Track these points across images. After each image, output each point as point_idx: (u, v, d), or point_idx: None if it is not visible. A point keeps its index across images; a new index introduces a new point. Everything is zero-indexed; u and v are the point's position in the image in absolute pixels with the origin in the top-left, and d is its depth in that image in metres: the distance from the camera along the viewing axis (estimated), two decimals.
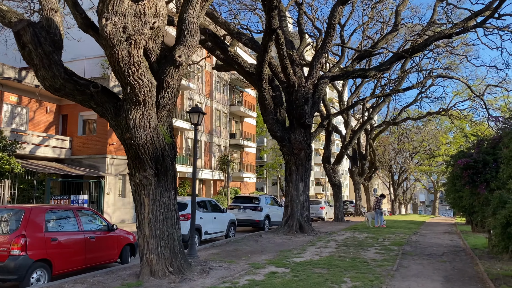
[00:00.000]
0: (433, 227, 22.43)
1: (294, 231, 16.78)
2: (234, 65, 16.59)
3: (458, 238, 15.49)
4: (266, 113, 16.55)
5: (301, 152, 17.13)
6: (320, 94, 17.43)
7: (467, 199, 11.37)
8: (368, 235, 16.11)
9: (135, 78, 7.04)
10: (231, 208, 19.49)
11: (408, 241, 14.22)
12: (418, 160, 56.18)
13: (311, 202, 30.54)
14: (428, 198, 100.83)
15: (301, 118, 16.65)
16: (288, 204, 17.45)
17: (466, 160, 10.41)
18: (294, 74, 16.45)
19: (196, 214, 13.41)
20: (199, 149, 40.11)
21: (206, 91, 41.31)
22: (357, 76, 17.70)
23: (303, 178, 17.37)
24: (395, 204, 61.66)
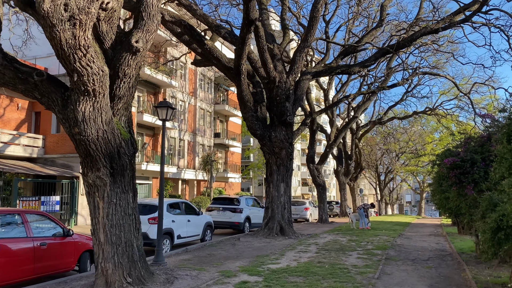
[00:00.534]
0: (418, 229, 21.89)
1: (274, 234, 16.02)
2: (212, 59, 15.76)
3: (444, 241, 14.90)
4: (245, 110, 15.75)
5: (282, 151, 16.38)
6: (302, 91, 16.70)
7: (454, 201, 10.74)
8: (351, 238, 15.43)
9: (82, 64, 6.17)
10: (210, 209, 18.65)
11: (393, 244, 13.56)
12: (405, 160, 56.03)
13: (295, 203, 29.86)
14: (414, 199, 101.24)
15: (282, 115, 15.89)
16: (268, 206, 16.68)
17: (453, 159, 9.76)
18: (275, 69, 15.69)
19: (167, 217, 12.56)
20: (182, 148, 39.16)
21: (189, 89, 40.35)
22: (340, 73, 17.03)
23: (284, 178, 16.62)
24: (382, 204, 61.46)
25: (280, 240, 15.19)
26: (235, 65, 14.45)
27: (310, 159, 26.10)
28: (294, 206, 29.13)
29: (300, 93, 16.63)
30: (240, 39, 13.64)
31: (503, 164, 6.23)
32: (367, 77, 30.15)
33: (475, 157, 9.71)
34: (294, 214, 28.73)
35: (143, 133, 34.03)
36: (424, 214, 67.81)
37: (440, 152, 10.79)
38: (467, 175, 9.70)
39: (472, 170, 9.65)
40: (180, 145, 38.98)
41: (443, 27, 15.73)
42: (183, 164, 38.78)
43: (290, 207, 16.99)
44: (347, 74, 17.07)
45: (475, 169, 9.64)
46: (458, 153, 9.99)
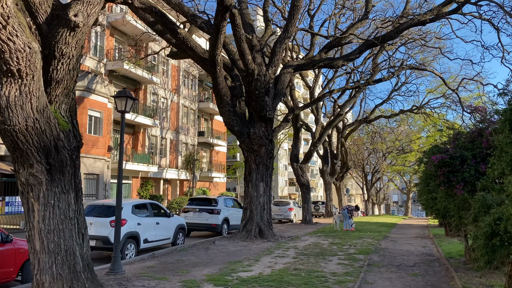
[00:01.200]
0: (404, 230, 21.14)
1: (252, 237, 15.05)
2: (187, 50, 14.71)
3: (431, 244, 14.10)
4: (222, 105, 14.74)
5: (262, 148, 15.42)
6: (283, 85, 15.76)
7: (442, 202, 9.88)
8: (334, 241, 14.53)
9: (2, 38, 5.11)
10: (186, 211, 17.60)
11: (376, 248, 12.69)
12: (391, 160, 55.62)
13: (279, 203, 28.97)
14: (401, 199, 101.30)
15: (262, 110, 14.92)
16: (247, 207, 15.71)
17: (441, 156, 8.90)
18: (253, 61, 14.71)
19: (133, 219, 11.51)
20: (164, 147, 37.99)
21: (172, 86, 39.17)
22: (324, 66, 16.16)
23: (264, 178, 15.66)
24: (368, 204, 61.01)
25: (258, 243, 14.22)
26: (209, 55, 13.44)
27: (294, 158, 25.21)
28: (278, 207, 28.27)
29: (281, 87, 15.69)
30: (214, 27, 12.64)
31: (503, 158, 5.35)
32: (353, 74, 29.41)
33: (465, 154, 8.87)
34: (278, 215, 27.86)
35: None
36: (410, 214, 67.60)
37: (427, 149, 9.92)
38: (456, 174, 8.84)
39: (462, 168, 8.80)
40: (162, 144, 37.80)
41: (431, 19, 14.95)
42: (165, 163, 37.61)
43: (270, 208, 16.04)
44: (330, 67, 16.18)
45: (465, 167, 8.79)
46: (446, 150, 9.15)
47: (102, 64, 29.76)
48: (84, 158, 23.47)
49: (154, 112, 35.30)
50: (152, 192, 35.98)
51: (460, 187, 8.82)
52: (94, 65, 28.82)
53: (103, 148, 25.38)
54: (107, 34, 30.37)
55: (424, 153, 9.75)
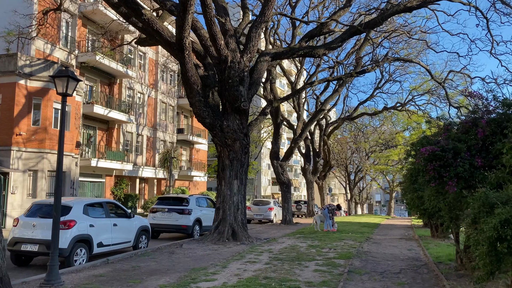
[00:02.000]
0: (388, 231, 20.16)
1: (225, 239, 13.79)
2: (153, 33, 13.33)
3: (417, 247, 13.06)
4: (191, 94, 13.43)
5: (236, 143, 14.15)
6: (259, 74, 14.54)
7: (432, 200, 8.79)
8: (313, 243, 13.37)
9: None
10: (154, 211, 16.22)
11: (358, 251, 11.56)
12: (374, 159, 55.08)
13: (259, 202, 27.79)
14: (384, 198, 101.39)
15: (236, 101, 13.66)
16: (219, 206, 14.44)
17: (431, 149, 7.79)
18: (226, 47, 13.44)
19: (84, 221, 10.12)
20: (140, 144, 36.40)
21: (149, 81, 37.59)
22: (304, 55, 15.00)
23: (238, 175, 14.41)
24: (351, 204, 60.41)
25: (230, 246, 12.96)
26: (177, 39, 12.12)
27: (274, 155, 24.04)
28: (257, 206, 27.09)
29: (257, 76, 14.46)
30: (181, 5, 11.32)
31: None
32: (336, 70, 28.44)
33: (459, 146, 7.79)
34: (258, 215, 26.68)
35: (95, 127, 31.12)
36: (393, 214, 67.29)
37: (415, 141, 8.82)
38: (448, 168, 7.75)
39: (455, 162, 7.72)
40: (138, 141, 36.21)
41: (418, 5, 13.94)
42: (141, 161, 36.03)
43: (245, 208, 14.79)
44: (311, 56, 15.04)
45: (459, 160, 7.71)
46: (437, 142, 8.05)
47: (73, 56, 28.06)
48: (48, 154, 21.85)
49: (129, 108, 33.70)
50: (127, 191, 34.40)
51: (452, 184, 7.74)
52: (64, 57, 27.13)
53: (71, 143, 23.75)
54: (79, 24, 28.67)
55: (412, 145, 8.63)
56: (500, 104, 7.71)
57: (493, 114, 8.02)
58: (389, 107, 30.82)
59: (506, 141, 6.86)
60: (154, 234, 16.62)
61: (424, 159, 7.80)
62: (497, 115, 7.84)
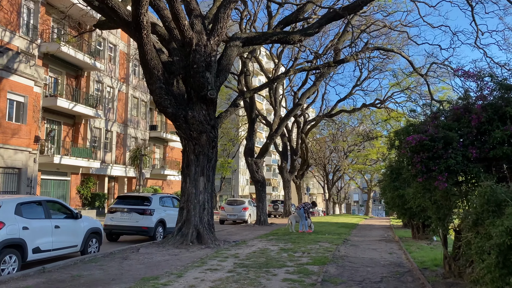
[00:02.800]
0: (366, 232, 19.15)
1: (189, 242, 12.43)
2: (110, 12, 11.86)
3: (399, 249, 12.00)
4: (151, 80, 12.01)
5: (202, 135, 12.81)
6: (229, 60, 13.23)
7: (417, 198, 7.67)
8: (285, 246, 12.15)
9: None
10: (113, 211, 14.70)
11: (335, 256, 10.38)
12: (353, 158, 54.58)
13: (233, 202, 26.47)
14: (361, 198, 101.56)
15: (201, 89, 12.31)
16: (183, 206, 13.06)
17: (419, 137, 6.66)
18: (191, 28, 12.09)
19: (15, 222, 8.58)
20: (109, 141, 34.54)
21: (120, 75, 35.78)
22: (278, 40, 13.80)
23: (205, 171, 13.06)
24: (329, 203, 59.79)
25: (193, 250, 11.61)
26: (133, 16, 10.69)
27: (248, 152, 22.77)
28: (231, 206, 25.78)
29: (227, 62, 13.15)
30: None
31: None
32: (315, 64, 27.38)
33: (451, 135, 6.68)
34: (231, 215, 25.37)
35: (60, 122, 29.19)
36: (371, 214, 67.07)
37: (399, 129, 7.68)
38: (438, 161, 6.64)
39: (446, 154, 6.61)
40: (108, 137, 34.36)
41: None
42: (110, 159, 34.20)
43: (212, 208, 13.45)
44: (286, 42, 13.85)
45: (450, 151, 6.60)
46: (425, 130, 6.94)
47: (35, 45, 26.12)
48: (1, 149, 19.98)
49: (97, 102, 31.84)
50: (94, 190, 32.57)
51: (443, 179, 6.62)
52: (25, 46, 25.17)
53: (28, 138, 21.90)
54: (42, 11, 26.73)
55: (396, 133, 7.47)
56: (498, 86, 6.64)
57: (487, 99, 6.96)
58: (368, 104, 30.00)
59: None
60: (113, 237, 15.15)
61: (410, 149, 6.66)
62: (494, 99, 6.78)
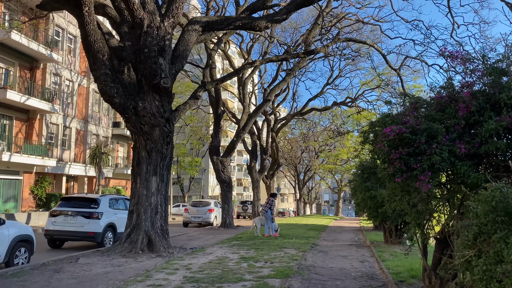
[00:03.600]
0: (336, 235, 18.17)
1: (138, 250, 10.98)
2: None
3: (371, 257, 10.96)
4: (95, 66, 10.51)
5: (155, 130, 11.38)
6: (186, 46, 11.86)
7: (395, 202, 6.58)
8: (247, 254, 10.89)
9: None
10: (54, 214, 13.04)
11: (300, 266, 9.20)
12: (324, 158, 54.12)
13: (198, 203, 25.01)
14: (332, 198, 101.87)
15: (154, 76, 10.90)
16: (133, 209, 11.59)
17: (398, 129, 5.55)
18: (142, 8, 10.66)
19: None
20: (68, 138, 32.37)
21: (81, 68, 33.63)
22: (242, 26, 12.54)
23: (158, 170, 11.64)
24: (300, 204, 59.17)
25: (142, 260, 10.18)
26: None
27: (214, 150, 21.41)
28: (196, 208, 24.33)
29: (184, 48, 11.78)
30: None
31: None
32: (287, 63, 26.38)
33: (435, 127, 5.61)
34: (196, 218, 23.92)
35: (11, 116, 26.89)
36: (341, 214, 66.91)
37: (374, 120, 6.55)
38: (420, 157, 5.56)
39: (430, 149, 5.52)
40: (66, 134, 32.17)
41: None
42: (68, 157, 32.04)
43: (166, 211, 12.03)
44: (251, 29, 12.63)
45: (435, 146, 5.52)
46: (405, 121, 5.86)
47: None
48: None
49: (53, 96, 29.64)
50: (50, 190, 30.33)
51: (425, 179, 5.53)
52: None
53: None
54: None
55: (371, 125, 6.33)
56: (489, 70, 5.60)
57: (476, 86, 5.93)
58: (339, 103, 29.24)
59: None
60: (57, 243, 13.50)
61: (388, 142, 5.53)
62: (484, 86, 5.74)
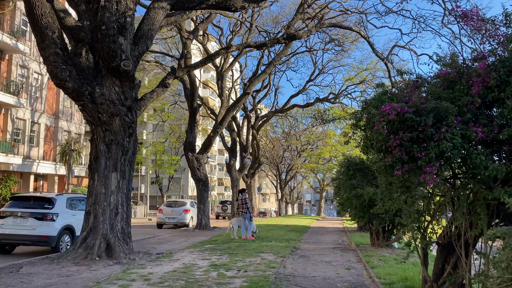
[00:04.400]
0: (319, 237, 17.04)
1: (95, 257, 9.59)
2: None
3: (357, 262, 9.83)
4: (43, 44, 9.07)
5: (115, 119, 10.00)
6: (152, 25, 10.51)
7: (392, 200, 5.41)
8: (218, 260, 9.62)
9: None
10: (3, 215, 11.48)
11: (278, 275, 7.97)
12: (306, 157, 53.26)
13: (173, 203, 23.56)
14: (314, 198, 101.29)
15: (113, 58, 9.52)
16: (90, 210, 10.18)
17: (400, 107, 4.39)
18: None
19: None
20: (36, 134, 30.50)
21: None
22: (216, 6, 11.17)
23: (119, 165, 10.26)
24: (282, 204, 58.19)
25: (97, 268, 8.79)
26: None
27: (189, 146, 20.04)
28: (170, 208, 22.88)
29: (149, 28, 10.43)
30: None
31: None
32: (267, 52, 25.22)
33: (445, 106, 4.46)
34: (171, 218, 22.47)
35: None
36: (323, 214, 66.20)
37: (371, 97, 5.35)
38: (426, 144, 4.42)
39: (438, 134, 4.39)
40: (34, 130, 30.28)
41: None
42: (37, 155, 30.16)
43: (129, 212, 10.64)
44: (226, 9, 11.25)
45: (444, 130, 4.39)
46: (407, 100, 4.71)
47: None
48: None
49: (19, 89, 27.75)
50: (16, 189, 28.41)
51: (433, 171, 4.39)
52: None
53: None
54: None
55: (365, 104, 5.14)
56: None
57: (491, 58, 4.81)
58: (322, 99, 28.24)
59: None
60: (6, 248, 11.95)
61: (387, 123, 4.36)
62: (501, 57, 4.62)
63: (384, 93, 4.96)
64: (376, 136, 4.46)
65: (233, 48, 14.79)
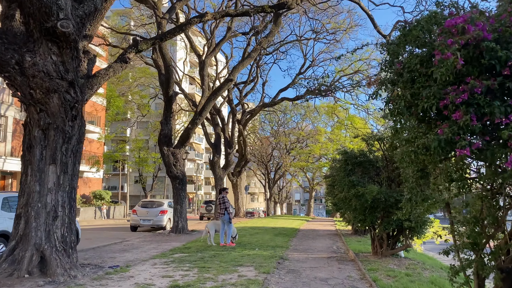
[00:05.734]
0: (310, 242, 14.97)
1: (24, 273, 7.39)
2: None
3: (361, 279, 7.75)
4: None
5: (52, 97, 7.81)
6: None
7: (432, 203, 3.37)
8: (185, 276, 7.50)
9: None
10: None
11: None
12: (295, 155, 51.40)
13: (148, 204, 21.28)
14: (303, 197, 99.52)
15: (47, 16, 7.34)
16: (20, 212, 7.98)
17: (477, 33, 2.34)
18: None
19: None
20: (3, 128, 27.98)
21: None
22: None
23: (59, 157, 8.07)
24: (270, 203, 56.21)
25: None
26: None
27: (164, 139, 17.82)
28: (146, 209, 20.61)
29: None
30: None
31: None
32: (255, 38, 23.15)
33: None
34: (146, 220, 20.21)
35: None
36: (312, 214, 64.35)
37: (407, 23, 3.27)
38: None
39: None
40: (0, 124, 27.77)
41: None
42: (4, 151, 27.64)
43: (72, 215, 8.44)
44: None
45: None
46: (478, 23, 2.70)
47: None
48: None
49: None
50: None
51: None
52: None
53: None
54: None
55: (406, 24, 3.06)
56: None
57: None
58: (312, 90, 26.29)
59: None
60: None
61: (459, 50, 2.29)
62: None
63: (433, 13, 2.86)
64: (441, 72, 2.36)
65: (208, 15, 12.66)
